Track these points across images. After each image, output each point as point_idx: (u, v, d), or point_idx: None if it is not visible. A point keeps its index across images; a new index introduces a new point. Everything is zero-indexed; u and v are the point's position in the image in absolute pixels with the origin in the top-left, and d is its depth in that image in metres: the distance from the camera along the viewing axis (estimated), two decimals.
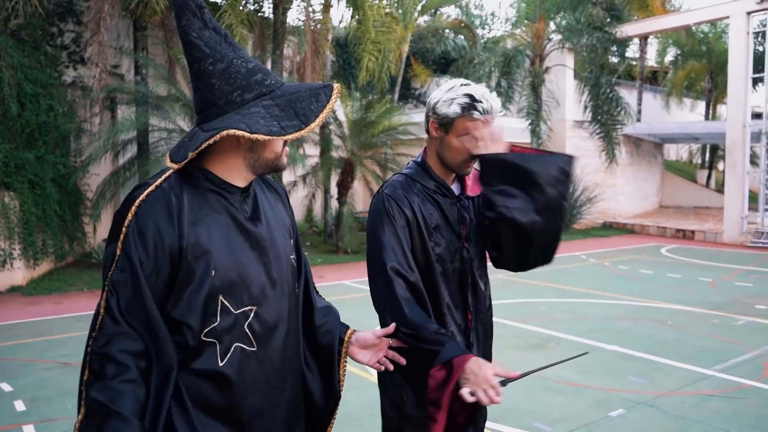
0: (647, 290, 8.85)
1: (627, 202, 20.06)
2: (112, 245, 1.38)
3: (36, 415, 4.29)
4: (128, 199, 1.40)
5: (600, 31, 15.68)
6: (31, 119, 9.66)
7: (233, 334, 1.42)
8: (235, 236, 1.45)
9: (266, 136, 1.35)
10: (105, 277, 1.38)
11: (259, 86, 1.42)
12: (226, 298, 1.40)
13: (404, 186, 1.92)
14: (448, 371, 1.63)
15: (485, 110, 1.81)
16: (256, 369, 1.45)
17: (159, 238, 1.35)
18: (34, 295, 8.80)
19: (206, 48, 1.40)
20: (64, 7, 11.53)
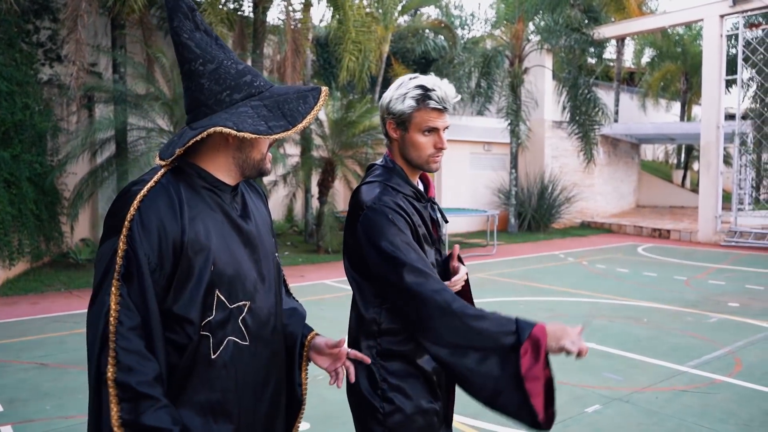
0: (624, 288, 9.00)
1: (604, 202, 20.35)
2: (112, 240, 1.36)
3: (14, 416, 4.25)
4: (126, 194, 1.40)
5: (577, 33, 15.89)
6: (6, 117, 9.51)
7: (227, 328, 1.44)
8: (229, 233, 1.48)
9: (253, 134, 1.38)
10: (105, 273, 1.35)
11: (248, 87, 1.45)
12: (222, 293, 1.43)
13: (391, 194, 1.82)
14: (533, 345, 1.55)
15: (440, 98, 1.78)
16: (247, 363, 1.48)
17: (163, 233, 1.36)
18: (9, 295, 8.68)
19: (197, 49, 1.43)
20: (40, 4, 11.36)
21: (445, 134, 1.85)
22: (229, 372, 1.44)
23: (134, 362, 1.31)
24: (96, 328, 1.34)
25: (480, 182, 17.86)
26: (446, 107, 1.80)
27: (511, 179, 16.82)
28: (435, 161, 1.85)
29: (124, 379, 1.30)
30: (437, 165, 1.86)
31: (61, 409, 4.39)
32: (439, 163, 1.86)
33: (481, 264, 11.45)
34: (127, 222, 1.35)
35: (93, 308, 1.37)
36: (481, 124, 17.58)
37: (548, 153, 18.51)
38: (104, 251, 1.37)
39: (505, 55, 16.79)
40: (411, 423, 1.81)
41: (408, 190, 1.86)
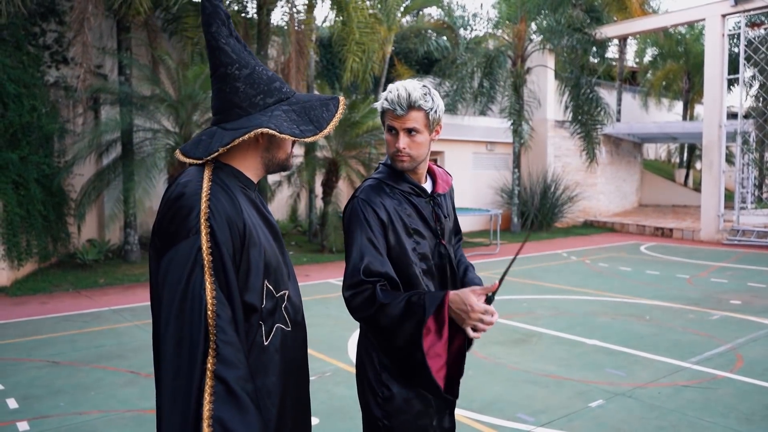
0: (626, 287, 9.07)
1: (607, 201, 20.40)
2: (191, 239, 1.39)
3: (29, 413, 4.34)
4: (183, 196, 1.44)
5: (579, 33, 15.94)
6: (14, 119, 9.61)
7: (275, 315, 1.54)
8: (264, 227, 1.58)
9: (292, 136, 1.51)
10: (192, 270, 1.37)
11: (278, 92, 1.57)
12: (270, 283, 1.53)
13: (377, 190, 1.97)
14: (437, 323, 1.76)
15: (390, 100, 1.90)
16: (290, 347, 1.58)
17: (233, 227, 1.44)
18: (19, 295, 8.78)
19: (233, 54, 1.53)
20: (47, 7, 11.46)
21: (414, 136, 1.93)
22: (278, 357, 1.54)
23: (233, 356, 1.36)
24: (192, 323, 1.35)
25: (483, 182, 17.92)
26: (394, 108, 1.90)
27: (514, 179, 16.89)
28: (399, 159, 1.96)
29: (223, 374, 1.34)
30: (402, 164, 1.97)
31: (75, 405, 4.48)
32: (405, 162, 1.96)
33: (484, 263, 11.52)
34: (204, 220, 1.40)
35: (184, 305, 1.37)
36: (483, 123, 17.65)
37: (551, 152, 18.56)
38: (183, 251, 1.39)
39: (507, 55, 16.85)
40: (408, 407, 1.93)
41: (405, 186, 2.00)
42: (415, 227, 1.97)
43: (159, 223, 1.47)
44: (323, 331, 6.41)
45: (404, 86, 1.91)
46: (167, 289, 1.39)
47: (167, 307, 1.38)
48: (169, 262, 1.40)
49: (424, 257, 1.99)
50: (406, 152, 1.95)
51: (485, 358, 5.56)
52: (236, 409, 1.35)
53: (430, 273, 2.00)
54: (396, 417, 1.91)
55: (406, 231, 1.95)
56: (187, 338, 1.36)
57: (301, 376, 1.66)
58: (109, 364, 5.47)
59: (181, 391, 1.35)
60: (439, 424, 2.05)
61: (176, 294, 1.38)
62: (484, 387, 4.78)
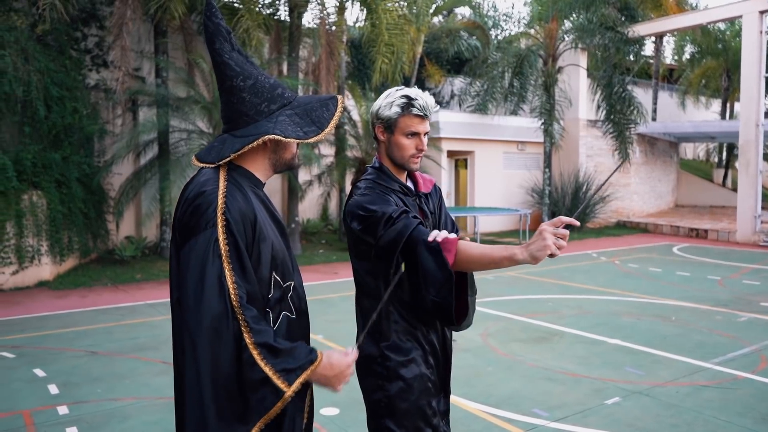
0: (654, 287, 9.01)
1: (641, 201, 20.11)
2: (207, 232, 1.52)
3: (69, 398, 4.61)
4: (202, 194, 1.57)
5: (612, 31, 15.77)
6: (57, 121, 10.05)
7: (282, 304, 1.68)
8: (272, 223, 1.72)
9: (297, 139, 1.66)
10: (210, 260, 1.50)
11: (281, 98, 1.71)
12: (277, 274, 1.66)
13: (377, 189, 2.08)
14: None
15: (422, 107, 2.03)
16: (295, 334, 1.71)
17: (246, 222, 1.58)
18: (61, 289, 9.18)
19: (237, 67, 1.66)
20: (88, 12, 11.92)
21: (425, 138, 2.11)
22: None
23: (261, 325, 1.53)
24: (217, 306, 1.48)
25: (513, 182, 17.88)
26: (426, 114, 2.06)
27: (545, 178, 16.81)
28: (415, 161, 2.11)
29: (262, 340, 1.51)
30: (417, 165, 2.13)
31: (111, 392, 4.73)
32: (418, 163, 2.13)
33: None
34: (221, 214, 1.53)
35: (196, 290, 1.50)
36: (514, 123, 17.60)
37: (583, 152, 18.40)
38: (201, 243, 1.52)
39: (538, 54, 16.79)
40: (409, 389, 2.04)
41: (395, 186, 2.12)
42: None
43: (179, 220, 1.60)
44: (349, 326, 6.57)
45: (424, 94, 2.07)
46: (189, 277, 1.52)
47: (190, 293, 1.51)
48: (189, 251, 1.54)
49: None
50: (422, 153, 2.11)
51: (505, 355, 5.64)
52: (285, 355, 1.55)
53: None
54: (396, 398, 2.03)
55: None
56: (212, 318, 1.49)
57: None
58: (144, 354, 5.74)
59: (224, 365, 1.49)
60: (437, 405, 2.15)
61: (196, 280, 1.50)
62: (502, 383, 4.88)
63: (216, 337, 1.49)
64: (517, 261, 1.75)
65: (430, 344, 2.12)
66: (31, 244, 9.42)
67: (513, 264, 1.77)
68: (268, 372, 1.50)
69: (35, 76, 9.64)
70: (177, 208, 1.65)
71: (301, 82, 12.63)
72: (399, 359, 2.04)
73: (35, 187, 9.63)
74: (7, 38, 9.37)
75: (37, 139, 9.87)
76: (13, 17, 10.04)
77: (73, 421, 4.18)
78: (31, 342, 6.26)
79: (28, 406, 4.47)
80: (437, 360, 2.15)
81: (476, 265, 1.84)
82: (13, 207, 9.15)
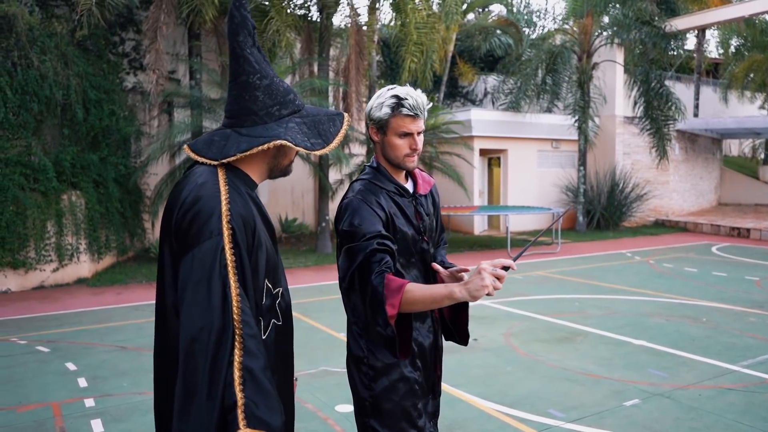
0: (688, 288, 8.79)
1: (681, 200, 19.61)
2: (213, 240, 1.45)
3: (96, 391, 4.78)
4: (202, 200, 1.50)
5: (648, 26, 15.40)
6: (95, 123, 10.39)
7: (272, 311, 1.63)
8: (264, 227, 1.65)
9: (305, 149, 1.61)
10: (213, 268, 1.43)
11: (292, 105, 1.67)
12: (269, 281, 1.62)
13: (371, 190, 2.08)
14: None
15: (412, 106, 2.00)
16: (281, 341, 1.69)
17: (248, 228, 1.52)
18: (98, 286, 9.49)
19: (256, 64, 1.62)
20: (125, 17, 12.28)
21: (420, 137, 2.09)
22: (273, 349, 1.64)
23: (256, 347, 1.43)
24: (217, 318, 1.40)
25: (548, 180, 17.65)
26: (417, 114, 2.04)
27: (580, 177, 16.55)
28: (410, 160, 2.10)
29: (250, 364, 1.41)
30: (413, 164, 2.11)
31: (136, 386, 4.88)
32: (414, 162, 2.11)
33: (543, 262, 11.42)
34: (225, 222, 1.46)
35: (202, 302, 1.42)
36: (548, 121, 17.37)
37: (619, 150, 18.04)
38: (207, 252, 1.44)
39: (573, 50, 16.53)
40: (393, 389, 2.06)
41: (391, 186, 2.11)
42: (398, 224, 2.09)
43: (177, 224, 1.50)
44: None
45: (416, 93, 2.05)
46: (190, 287, 1.44)
47: (191, 303, 1.43)
48: (192, 261, 1.45)
49: (404, 251, 2.11)
50: (417, 153, 2.10)
51: (526, 354, 5.60)
52: (262, 394, 1.41)
53: (407, 266, 2.13)
54: (381, 397, 2.05)
55: (394, 227, 2.08)
56: (212, 331, 1.40)
57: (288, 368, 1.78)
58: None
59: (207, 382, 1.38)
60: (424, 407, 2.16)
61: (201, 291, 1.42)
62: (520, 383, 4.85)
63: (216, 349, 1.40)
64: (456, 299, 1.76)
65: (418, 346, 2.13)
66: (71, 243, 9.76)
67: (452, 302, 1.79)
68: (238, 399, 1.38)
69: (74, 80, 9.97)
70: (172, 209, 1.55)
71: (331, 83, 12.73)
72: (385, 360, 2.06)
73: (74, 187, 9.97)
74: (48, 44, 9.73)
75: (75, 141, 10.22)
76: (54, 23, 10.41)
77: (98, 413, 4.33)
78: (66, 337, 6.50)
79: (58, 398, 4.65)
80: (425, 362, 2.15)
81: (419, 307, 1.83)
82: (53, 207, 9.50)
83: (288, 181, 15.24)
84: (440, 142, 14.28)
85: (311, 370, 5.20)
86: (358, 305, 1.94)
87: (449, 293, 1.76)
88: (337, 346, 5.94)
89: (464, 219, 16.62)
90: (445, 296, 1.77)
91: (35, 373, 5.28)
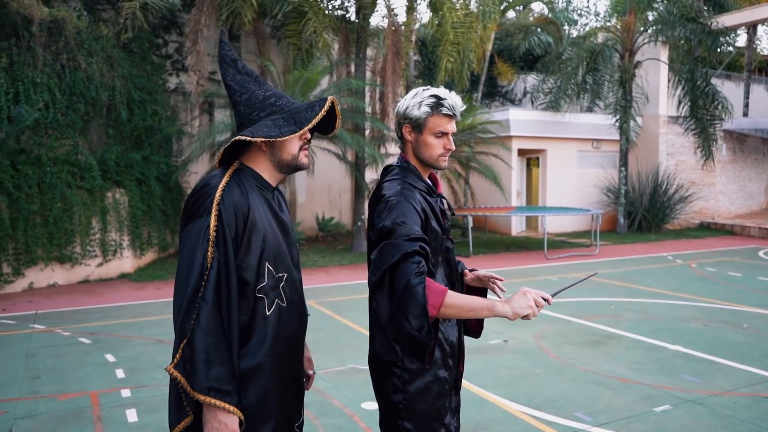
0: (730, 293, 8.53)
1: (728, 202, 19.01)
2: (202, 219, 1.77)
3: (132, 382, 4.95)
4: (207, 186, 1.82)
5: (693, 23, 14.96)
6: (138, 123, 10.71)
7: (275, 291, 1.88)
8: (273, 221, 1.92)
9: (265, 138, 1.84)
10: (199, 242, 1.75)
11: (271, 107, 1.93)
12: (270, 264, 1.86)
13: (409, 189, 2.06)
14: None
15: (451, 106, 2.07)
16: (285, 320, 1.91)
17: (239, 213, 1.79)
18: (139, 281, 9.78)
19: (236, 86, 1.96)
20: (168, 20, 12.61)
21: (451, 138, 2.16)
22: (276, 325, 1.87)
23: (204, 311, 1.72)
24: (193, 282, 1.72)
25: (588, 181, 17.35)
26: (455, 114, 2.10)
27: (621, 177, 16.21)
28: (443, 160, 2.13)
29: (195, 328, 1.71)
30: (446, 163, 2.15)
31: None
32: (446, 162, 2.15)
33: (580, 264, 11.25)
34: (215, 205, 1.77)
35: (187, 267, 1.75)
36: (588, 120, 17.07)
37: (663, 150, 17.59)
38: (195, 227, 1.78)
39: (615, 49, 16.21)
40: (427, 390, 2.06)
41: (422, 185, 2.13)
42: (434, 224, 2.11)
43: (185, 206, 1.86)
44: None
45: (452, 94, 2.10)
46: (181, 256, 1.79)
47: (180, 269, 1.77)
48: (186, 234, 1.81)
49: (434, 251, 2.11)
50: (449, 153, 2.14)
51: (556, 357, 5.54)
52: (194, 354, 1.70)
53: (437, 264, 2.14)
54: (416, 399, 2.05)
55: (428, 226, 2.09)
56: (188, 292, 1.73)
57: (293, 351, 1.97)
58: None
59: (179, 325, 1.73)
60: (449, 404, 2.17)
61: (187, 257, 1.77)
62: (548, 385, 4.81)
63: (190, 305, 1.72)
64: (496, 313, 1.81)
65: (450, 346, 2.14)
66: (114, 239, 10.08)
67: (491, 315, 1.82)
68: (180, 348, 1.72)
69: (119, 82, 10.30)
70: (188, 197, 1.89)
71: (368, 83, 12.80)
72: (418, 365, 2.05)
73: (118, 185, 10.30)
74: (94, 47, 10.07)
75: (119, 141, 10.55)
76: (101, 27, 10.77)
77: (133, 404, 4.49)
78: (107, 329, 6.73)
79: (96, 388, 4.84)
80: (454, 361, 2.17)
81: (455, 313, 1.84)
82: (98, 204, 9.84)
83: (325, 180, 15.40)
84: (477, 142, 14.20)
85: (340, 368, 5.26)
86: (383, 304, 1.92)
87: (490, 306, 1.82)
88: (367, 344, 5.98)
89: (501, 220, 16.48)
90: (486, 308, 1.82)
91: (77, 363, 5.49)
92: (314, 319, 6.78)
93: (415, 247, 1.86)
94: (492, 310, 1.81)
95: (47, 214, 9.13)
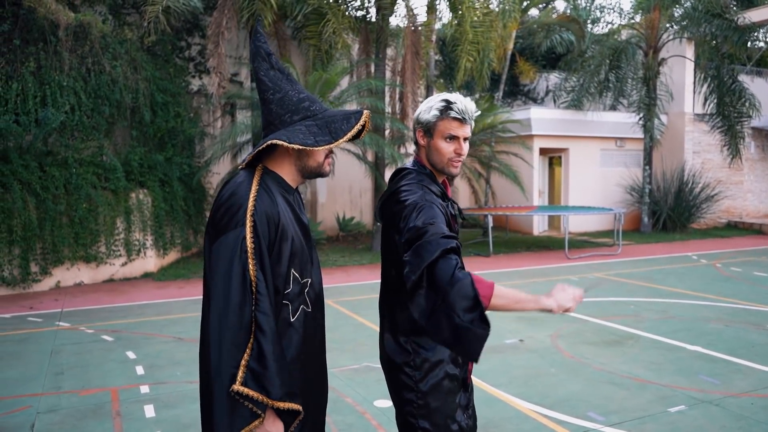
0: (754, 293, 8.38)
1: (757, 201, 18.63)
2: (237, 230, 1.72)
3: (151, 378, 5.06)
4: (236, 195, 1.77)
5: (719, 18, 14.69)
6: (161, 125, 10.90)
7: (300, 298, 1.86)
8: (297, 225, 1.90)
9: (300, 146, 1.80)
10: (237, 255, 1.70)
11: (305, 111, 1.89)
12: (296, 271, 1.84)
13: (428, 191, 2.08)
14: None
15: (460, 110, 2.07)
16: (309, 325, 1.91)
17: (271, 222, 1.77)
18: (162, 280, 9.96)
19: (269, 83, 1.89)
20: (191, 23, 12.80)
21: (466, 144, 2.14)
22: (301, 332, 1.87)
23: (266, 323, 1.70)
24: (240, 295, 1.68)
25: (611, 180, 17.15)
26: (465, 118, 2.10)
27: (645, 176, 15.99)
28: (455, 165, 2.14)
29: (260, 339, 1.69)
30: (457, 169, 2.15)
31: (189, 375, 5.13)
32: (458, 167, 2.16)
33: (602, 264, 11.14)
34: (249, 216, 1.73)
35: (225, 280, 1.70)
36: (612, 119, 16.87)
37: (688, 148, 17.31)
38: (230, 239, 1.72)
39: (638, 46, 16.00)
40: (439, 387, 2.11)
41: (436, 189, 2.15)
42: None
43: (213, 216, 1.80)
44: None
45: (464, 98, 2.12)
46: (218, 268, 1.73)
47: (218, 283, 1.72)
48: (219, 246, 1.74)
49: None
50: (462, 158, 2.16)
51: (571, 357, 5.52)
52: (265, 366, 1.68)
53: None
54: (429, 396, 2.09)
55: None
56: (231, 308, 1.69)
57: (316, 352, 1.97)
58: None
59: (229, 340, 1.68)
60: (459, 400, 2.20)
61: (224, 271, 1.72)
62: (562, 384, 4.79)
63: (238, 321, 1.68)
64: (542, 305, 1.89)
65: None
66: (138, 239, 10.28)
67: (536, 307, 1.89)
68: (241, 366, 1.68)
69: (143, 84, 10.50)
70: (214, 203, 1.85)
71: (387, 83, 12.84)
72: (431, 359, 2.10)
73: (141, 186, 10.50)
74: (119, 50, 10.29)
75: (143, 142, 10.75)
76: (125, 30, 10.99)
77: (151, 400, 4.59)
78: (129, 327, 6.88)
79: (117, 384, 4.95)
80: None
81: (502, 304, 1.86)
82: (122, 204, 10.04)
83: (346, 180, 15.47)
84: (498, 141, 14.15)
85: (354, 366, 5.31)
86: (419, 303, 1.90)
87: (536, 299, 1.89)
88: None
89: (523, 219, 16.38)
90: (531, 300, 1.89)
91: (99, 360, 5.63)
92: (332, 318, 6.85)
93: (452, 244, 1.89)
94: (538, 303, 1.88)
95: (73, 214, 9.35)
